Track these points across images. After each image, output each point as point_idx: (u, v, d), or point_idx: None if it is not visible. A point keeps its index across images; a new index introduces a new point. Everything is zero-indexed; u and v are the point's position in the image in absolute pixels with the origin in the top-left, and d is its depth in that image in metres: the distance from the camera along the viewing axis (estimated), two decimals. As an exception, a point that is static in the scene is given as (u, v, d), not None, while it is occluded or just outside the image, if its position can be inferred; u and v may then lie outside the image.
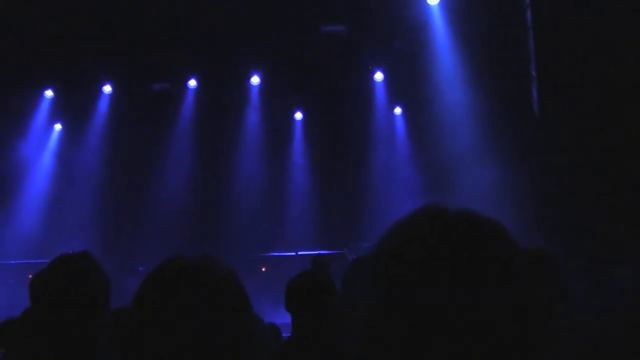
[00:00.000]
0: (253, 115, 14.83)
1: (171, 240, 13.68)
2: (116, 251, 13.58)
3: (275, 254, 14.62)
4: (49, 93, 14.65)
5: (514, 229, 1.42)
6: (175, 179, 14.58)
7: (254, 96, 14.76)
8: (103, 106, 14.76)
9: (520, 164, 12.05)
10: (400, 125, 14.78)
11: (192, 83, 14.61)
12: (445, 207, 1.48)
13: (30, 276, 11.30)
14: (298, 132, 15.21)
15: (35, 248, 13.91)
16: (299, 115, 15.24)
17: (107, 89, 14.65)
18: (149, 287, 1.67)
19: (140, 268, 13.78)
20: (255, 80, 14.55)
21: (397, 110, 14.81)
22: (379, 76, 14.34)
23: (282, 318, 5.00)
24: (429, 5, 12.90)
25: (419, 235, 1.40)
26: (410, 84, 13.82)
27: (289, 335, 4.14)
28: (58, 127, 15.29)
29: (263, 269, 14.59)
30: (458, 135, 13.26)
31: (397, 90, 14.35)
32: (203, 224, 14.53)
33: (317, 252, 14.04)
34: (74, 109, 14.81)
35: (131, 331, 1.64)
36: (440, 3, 12.84)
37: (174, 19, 12.72)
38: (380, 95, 14.49)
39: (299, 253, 14.31)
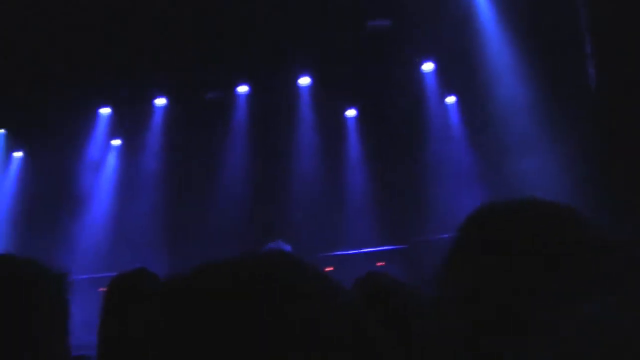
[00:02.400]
0: (305, 116, 15.37)
1: (233, 247, 14.31)
2: (182, 261, 14.17)
3: (338, 252, 14.97)
4: (105, 110, 15.59)
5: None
6: (234, 185, 15.28)
7: (305, 97, 15.31)
8: (159, 120, 15.59)
9: (578, 149, 12.25)
10: (454, 114, 15.05)
11: (243, 89, 15.30)
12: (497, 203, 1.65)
13: (100, 289, 12.15)
14: (352, 130, 15.67)
15: (101, 262, 14.75)
16: (351, 113, 15.78)
17: (161, 102, 15.49)
18: None
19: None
20: (305, 80, 15.14)
21: (451, 100, 15.11)
22: (429, 66, 14.69)
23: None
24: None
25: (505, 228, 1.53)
26: (462, 73, 14.15)
27: None
28: (116, 143, 16.19)
29: (329, 269, 14.92)
30: (515, 121, 13.51)
31: (449, 80, 14.77)
32: (264, 229, 15.03)
33: (380, 248, 14.61)
34: (130, 124, 15.71)
35: None
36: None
37: (219, 27, 13.34)
38: (431, 86, 14.84)
39: (363, 250, 14.73)
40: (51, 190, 15.47)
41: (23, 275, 2.21)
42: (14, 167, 16.41)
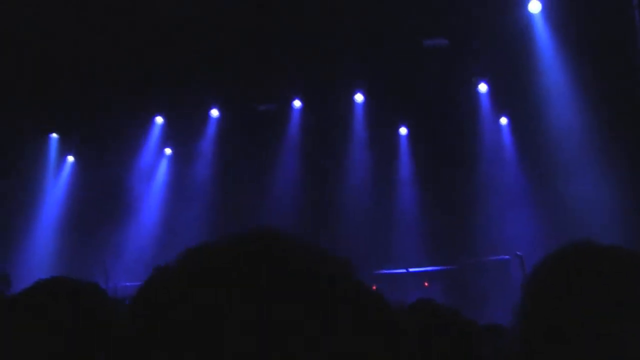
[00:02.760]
0: (358, 133, 15.48)
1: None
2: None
3: (386, 271, 14.97)
4: (159, 119, 15.86)
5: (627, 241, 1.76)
6: (284, 198, 15.41)
7: (359, 113, 15.43)
8: (211, 130, 15.81)
9: (631, 174, 12.25)
10: (507, 135, 15.09)
11: (297, 103, 15.49)
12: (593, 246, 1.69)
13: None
14: (403, 147, 15.77)
15: (148, 270, 14.92)
16: (403, 131, 15.88)
17: (215, 112, 15.72)
18: None
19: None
20: (359, 97, 15.27)
21: (503, 121, 15.16)
22: (482, 87, 14.77)
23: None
24: (531, 13, 13.26)
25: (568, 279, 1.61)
26: (516, 94, 14.23)
27: None
28: (168, 151, 16.44)
29: (374, 288, 14.92)
30: (566, 144, 13.53)
31: (502, 101, 14.81)
32: (313, 242, 15.12)
33: (428, 268, 14.61)
34: (183, 133, 15.96)
35: None
36: (543, 10, 13.15)
37: (276, 41, 13.52)
38: (485, 106, 14.90)
39: (410, 270, 14.74)
40: (102, 195, 15.72)
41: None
42: (66, 171, 16.68)
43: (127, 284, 14.98)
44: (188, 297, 0.97)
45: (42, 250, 15.70)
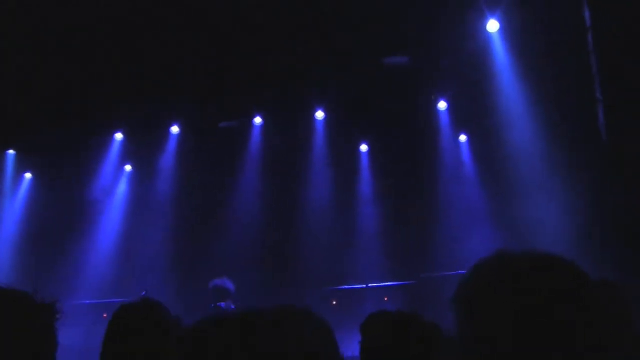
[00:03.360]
0: (319, 150, 15.63)
1: (242, 277, 14.48)
2: (189, 290, 14.30)
3: (346, 287, 15.10)
4: (119, 136, 15.88)
5: (582, 258, 1.84)
6: (245, 214, 15.45)
7: (320, 130, 15.61)
8: (172, 146, 15.87)
9: (588, 190, 12.51)
10: (466, 153, 15.34)
11: (258, 120, 15.62)
12: (512, 254, 1.79)
13: (105, 315, 12.33)
14: (364, 164, 15.96)
15: (108, 288, 14.88)
16: (364, 148, 16.08)
17: (175, 129, 15.79)
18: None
19: (212, 305, 14.60)
20: (320, 114, 15.46)
21: (463, 138, 15.43)
22: (442, 105, 15.02)
23: (352, 351, 5.44)
24: (489, 32, 13.54)
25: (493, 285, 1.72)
26: (475, 112, 14.49)
27: None
28: (128, 168, 16.45)
29: (334, 303, 15.02)
30: (525, 162, 13.79)
31: (461, 118, 15.07)
32: (273, 259, 15.23)
33: (388, 283, 14.79)
34: (143, 150, 16.00)
35: None
36: (500, 30, 13.44)
37: (237, 57, 13.62)
38: (444, 123, 15.15)
39: (369, 285, 14.90)
40: (62, 212, 15.65)
41: (11, 308, 2.39)
42: (24, 188, 16.58)
43: (86, 302, 14.92)
44: None
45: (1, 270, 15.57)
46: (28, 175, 16.71)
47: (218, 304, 10.30)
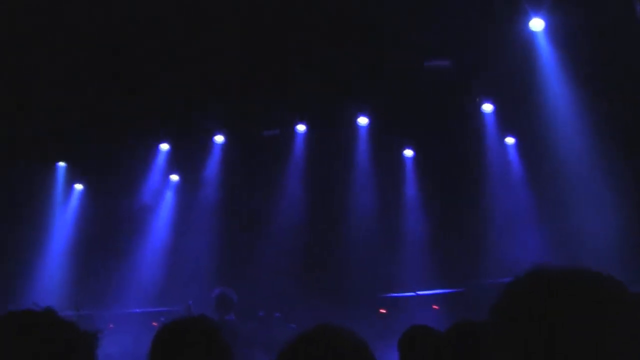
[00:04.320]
0: (363, 156, 15.60)
1: (288, 284, 14.55)
2: (237, 297, 14.40)
3: (394, 294, 15.03)
4: (164, 146, 16.13)
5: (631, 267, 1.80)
6: (290, 223, 15.57)
7: (363, 136, 15.58)
8: (216, 156, 16.05)
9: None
10: (513, 155, 15.12)
11: (301, 127, 15.68)
12: (550, 270, 1.70)
13: (154, 324, 12.44)
14: (409, 170, 15.87)
15: (156, 296, 15.13)
16: (409, 153, 16.01)
17: (219, 138, 15.97)
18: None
19: (260, 313, 14.70)
20: (363, 120, 15.43)
21: (510, 141, 15.22)
22: (487, 107, 14.82)
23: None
24: (534, 31, 13.32)
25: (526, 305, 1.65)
26: (522, 113, 14.26)
27: None
28: (174, 177, 16.69)
29: (382, 311, 14.98)
30: (574, 164, 13.54)
31: (508, 121, 14.87)
32: (319, 267, 15.25)
33: (437, 291, 14.66)
34: (189, 160, 16.21)
35: None
36: (545, 28, 13.20)
37: (281, 66, 13.70)
38: (490, 126, 14.95)
39: (418, 293, 14.80)
40: (109, 222, 15.96)
41: (55, 339, 2.41)
42: (74, 199, 16.97)
43: (137, 310, 15.18)
44: None
45: (50, 278, 15.94)
46: (78, 187, 17.07)
47: (221, 314, 10.24)
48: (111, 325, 13.96)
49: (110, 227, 15.94)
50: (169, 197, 16.81)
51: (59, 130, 14.98)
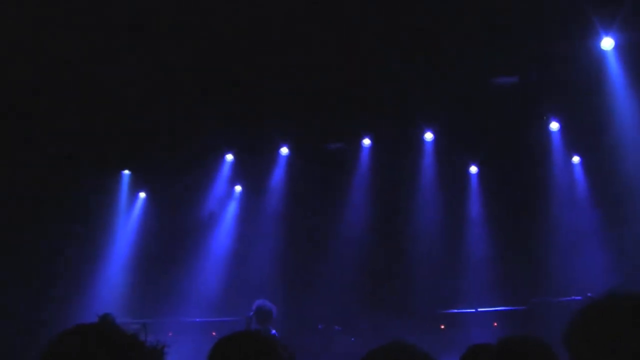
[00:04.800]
0: (428, 171, 15.68)
1: (349, 297, 14.62)
2: (297, 309, 14.49)
3: (454, 310, 15.01)
4: (229, 157, 16.37)
5: None
6: (353, 236, 15.58)
7: (429, 152, 15.67)
8: (281, 167, 16.23)
9: None
10: (579, 174, 15.10)
11: (367, 142, 15.82)
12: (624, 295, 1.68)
13: (213, 333, 12.56)
14: (474, 186, 15.91)
15: (218, 306, 15.25)
16: (474, 169, 16.05)
17: (284, 150, 16.16)
18: None
19: (320, 326, 14.78)
20: (429, 136, 15.52)
21: (576, 160, 15.20)
22: (554, 125, 14.85)
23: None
24: (603, 50, 13.34)
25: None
26: (589, 133, 14.26)
27: None
28: (238, 188, 16.89)
29: (442, 327, 14.94)
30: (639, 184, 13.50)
31: (574, 139, 14.88)
32: (380, 281, 15.29)
33: (497, 308, 14.63)
34: (253, 171, 16.40)
35: None
36: (615, 48, 13.22)
37: (347, 80, 13.82)
38: (556, 144, 14.96)
39: (478, 310, 14.76)
40: (172, 231, 16.17)
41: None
42: (138, 207, 17.23)
43: (198, 319, 15.28)
44: None
45: (113, 286, 16.15)
46: (142, 195, 17.33)
47: (262, 327, 10.20)
48: (170, 334, 14.10)
49: (173, 236, 16.14)
50: (232, 207, 16.99)
51: (125, 138, 15.22)
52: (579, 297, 13.16)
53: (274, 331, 10.14)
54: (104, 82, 13.52)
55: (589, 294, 11.62)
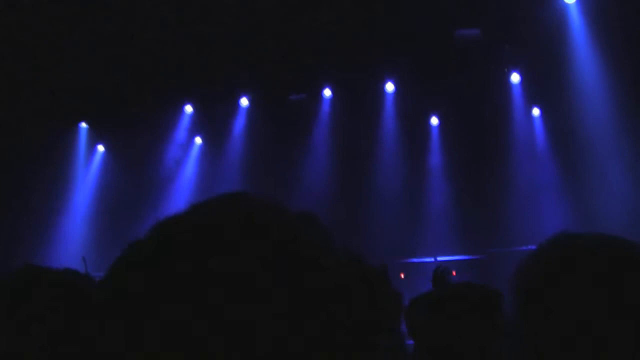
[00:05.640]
0: (389, 122, 15.70)
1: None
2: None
3: (414, 260, 15.18)
4: (188, 108, 16.18)
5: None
6: (315, 187, 15.68)
7: (389, 103, 15.68)
8: (241, 119, 16.12)
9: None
10: (539, 126, 15.27)
11: (327, 93, 15.76)
12: (575, 236, 1.65)
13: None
14: (434, 137, 16.01)
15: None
16: (434, 121, 16.11)
17: (244, 102, 16.04)
18: None
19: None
20: (389, 87, 15.53)
21: (535, 112, 15.37)
22: (515, 78, 14.95)
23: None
24: (565, 2, 13.39)
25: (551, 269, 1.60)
26: (549, 85, 14.38)
27: None
28: (199, 140, 16.76)
29: (402, 276, 15.12)
30: (599, 136, 13.69)
31: (535, 92, 15.00)
32: (340, 231, 15.35)
33: (457, 257, 14.85)
34: (212, 122, 16.26)
35: None
36: (578, 0, 13.28)
37: (307, 30, 13.70)
38: (517, 97, 15.07)
39: (438, 259, 14.96)
40: (131, 184, 16.01)
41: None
42: (96, 161, 17.01)
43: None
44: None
45: (73, 240, 16.00)
46: (100, 148, 17.10)
47: None
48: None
49: (132, 190, 16.00)
50: (193, 158, 16.85)
51: (81, 91, 14.93)
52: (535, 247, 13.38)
53: None
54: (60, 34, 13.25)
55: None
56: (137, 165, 16.19)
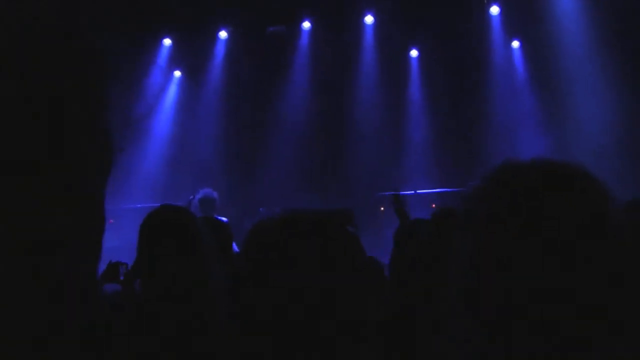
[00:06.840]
0: (368, 55, 15.64)
1: (290, 180, 14.78)
2: (239, 193, 14.62)
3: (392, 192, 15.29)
4: (167, 41, 16.07)
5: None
6: (293, 120, 15.69)
7: (369, 36, 15.60)
8: (220, 51, 16.02)
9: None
10: (518, 59, 15.28)
11: (306, 25, 15.66)
12: (520, 162, 1.60)
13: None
14: (414, 70, 15.98)
15: (160, 192, 15.24)
16: (414, 53, 16.08)
17: (223, 34, 15.92)
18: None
19: (261, 209, 14.97)
20: (369, 19, 15.44)
21: (515, 44, 15.34)
22: (494, 10, 14.89)
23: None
24: None
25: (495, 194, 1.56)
26: (529, 17, 14.34)
27: None
28: (177, 73, 16.68)
29: (382, 209, 15.25)
30: (579, 67, 13.73)
31: (514, 24, 14.96)
32: (321, 165, 15.46)
33: (436, 190, 14.98)
34: (192, 56, 16.14)
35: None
36: None
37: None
38: (496, 29, 15.03)
39: (418, 192, 15.09)
40: (111, 118, 15.92)
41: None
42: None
43: (138, 205, 15.29)
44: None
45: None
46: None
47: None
48: (111, 221, 14.11)
49: (112, 123, 15.92)
50: (172, 92, 16.78)
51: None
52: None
53: (223, 218, 10.19)
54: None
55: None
56: (116, 99, 16.06)
